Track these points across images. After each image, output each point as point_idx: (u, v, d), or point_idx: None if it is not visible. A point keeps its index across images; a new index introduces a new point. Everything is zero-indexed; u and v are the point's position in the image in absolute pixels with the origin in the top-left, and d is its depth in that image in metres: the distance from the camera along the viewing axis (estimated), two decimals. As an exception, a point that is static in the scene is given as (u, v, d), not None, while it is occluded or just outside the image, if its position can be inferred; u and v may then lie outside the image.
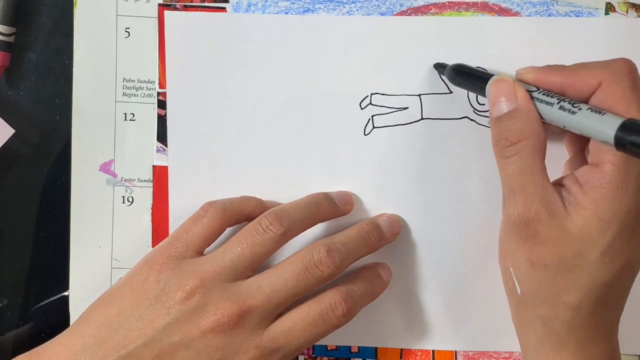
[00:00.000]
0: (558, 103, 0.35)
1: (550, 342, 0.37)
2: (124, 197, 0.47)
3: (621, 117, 0.33)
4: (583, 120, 0.34)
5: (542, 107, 0.36)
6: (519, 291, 0.38)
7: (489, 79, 0.38)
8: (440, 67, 0.44)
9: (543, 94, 0.37)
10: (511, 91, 0.37)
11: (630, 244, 0.36)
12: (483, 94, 0.39)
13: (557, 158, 0.43)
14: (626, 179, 0.35)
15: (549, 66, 0.38)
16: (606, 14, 0.44)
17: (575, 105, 0.35)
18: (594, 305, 0.36)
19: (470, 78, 0.41)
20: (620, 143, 0.32)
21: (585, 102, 0.36)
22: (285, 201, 0.45)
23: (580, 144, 0.41)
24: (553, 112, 0.36)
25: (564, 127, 0.35)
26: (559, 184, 0.37)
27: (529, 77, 0.38)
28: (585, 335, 0.37)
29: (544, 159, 0.37)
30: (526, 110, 0.36)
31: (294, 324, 0.40)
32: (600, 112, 0.34)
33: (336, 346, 0.47)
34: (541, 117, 0.37)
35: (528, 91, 0.37)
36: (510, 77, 0.38)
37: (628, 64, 0.36)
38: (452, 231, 0.45)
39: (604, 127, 0.33)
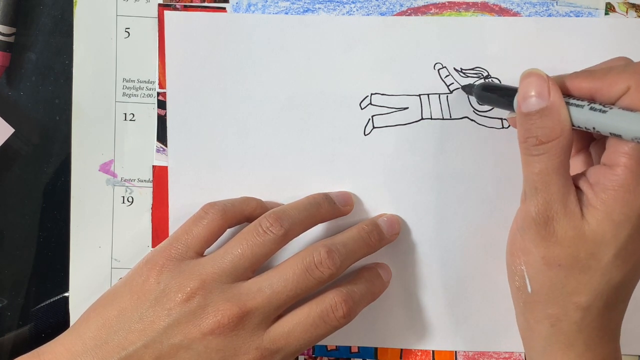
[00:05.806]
0: (588, 105, 0.35)
1: (558, 343, 0.37)
2: (124, 197, 0.47)
3: None
4: (614, 118, 0.34)
5: (571, 109, 0.35)
6: (529, 289, 0.38)
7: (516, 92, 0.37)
8: (468, 88, 0.43)
9: (573, 99, 0.36)
10: (544, 87, 0.36)
11: None
12: (511, 108, 0.38)
13: None
14: (639, 182, 0.35)
15: (575, 73, 0.37)
16: (606, 14, 0.44)
17: (605, 106, 0.34)
18: (603, 306, 0.37)
19: (499, 92, 0.40)
20: None
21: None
22: (285, 201, 0.45)
23: (583, 143, 0.41)
24: (583, 114, 0.35)
25: (594, 128, 0.35)
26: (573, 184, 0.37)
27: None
28: (593, 336, 0.37)
29: (569, 158, 0.36)
30: (558, 109, 0.35)
31: (295, 325, 0.40)
32: (631, 111, 0.34)
33: (336, 346, 0.47)
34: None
35: None
36: (543, 73, 0.36)
37: None
38: (452, 231, 0.45)
39: (636, 124, 0.33)
